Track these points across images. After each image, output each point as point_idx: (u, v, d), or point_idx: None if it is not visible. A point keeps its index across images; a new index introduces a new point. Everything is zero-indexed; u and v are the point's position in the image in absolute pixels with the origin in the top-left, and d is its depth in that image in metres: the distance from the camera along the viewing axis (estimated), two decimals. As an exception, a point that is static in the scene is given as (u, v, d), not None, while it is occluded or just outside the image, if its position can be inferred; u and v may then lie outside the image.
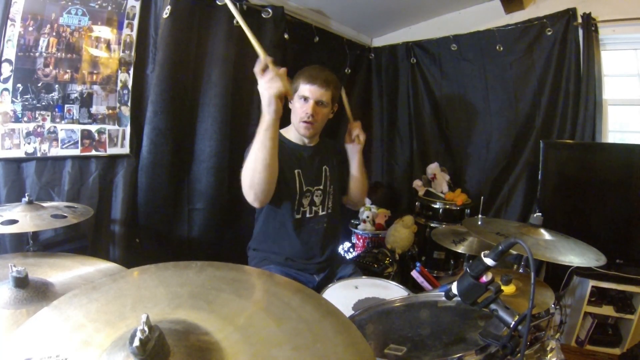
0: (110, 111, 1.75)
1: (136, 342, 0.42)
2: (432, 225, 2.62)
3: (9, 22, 1.45)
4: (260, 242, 1.70)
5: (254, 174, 1.32)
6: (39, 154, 1.57)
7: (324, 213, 1.69)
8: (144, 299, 0.60)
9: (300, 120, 1.57)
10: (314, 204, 1.66)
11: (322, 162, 1.70)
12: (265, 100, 1.27)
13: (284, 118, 1.61)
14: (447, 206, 2.64)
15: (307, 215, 1.65)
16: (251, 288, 0.68)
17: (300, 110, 1.56)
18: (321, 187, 1.67)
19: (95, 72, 1.69)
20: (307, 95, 1.53)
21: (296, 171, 1.60)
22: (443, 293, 1.04)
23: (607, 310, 2.12)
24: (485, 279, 0.92)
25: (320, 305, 0.61)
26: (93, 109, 1.70)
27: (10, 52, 1.47)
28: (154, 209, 1.92)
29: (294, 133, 1.65)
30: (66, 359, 0.48)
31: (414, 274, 1.92)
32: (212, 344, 0.50)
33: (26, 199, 1.26)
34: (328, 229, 1.73)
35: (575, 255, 1.32)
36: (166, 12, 1.78)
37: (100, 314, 0.58)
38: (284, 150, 1.59)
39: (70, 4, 1.58)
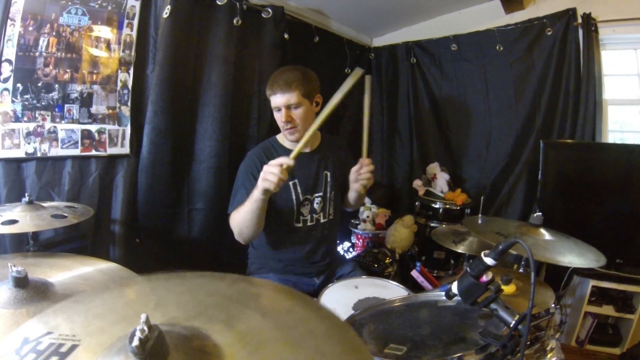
0: (110, 111, 1.75)
1: (135, 342, 0.42)
2: (432, 225, 2.62)
3: (9, 22, 1.45)
4: (261, 244, 1.69)
5: (242, 228, 1.45)
6: (39, 154, 1.57)
7: (325, 220, 1.67)
8: (167, 302, 0.61)
9: (282, 129, 1.56)
10: (314, 211, 1.64)
11: (322, 167, 1.65)
12: (259, 182, 1.29)
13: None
14: (447, 206, 2.64)
15: (309, 224, 1.63)
16: (280, 309, 0.66)
17: (278, 120, 1.55)
18: (321, 193, 1.64)
19: (95, 72, 1.69)
20: (276, 105, 1.51)
21: (291, 183, 1.57)
22: (443, 293, 1.04)
23: (607, 310, 2.12)
24: (485, 278, 0.92)
25: (346, 339, 0.57)
26: (93, 109, 1.70)
27: (10, 52, 1.47)
28: (154, 209, 1.92)
29: (286, 138, 1.63)
30: (80, 340, 0.51)
31: (414, 273, 1.92)
32: (216, 356, 0.50)
33: (26, 199, 1.26)
34: (329, 235, 1.72)
35: (575, 255, 1.32)
36: (166, 12, 1.78)
37: (126, 308, 0.60)
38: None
39: (70, 3, 1.58)
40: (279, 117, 1.53)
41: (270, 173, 1.24)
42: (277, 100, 1.49)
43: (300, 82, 1.48)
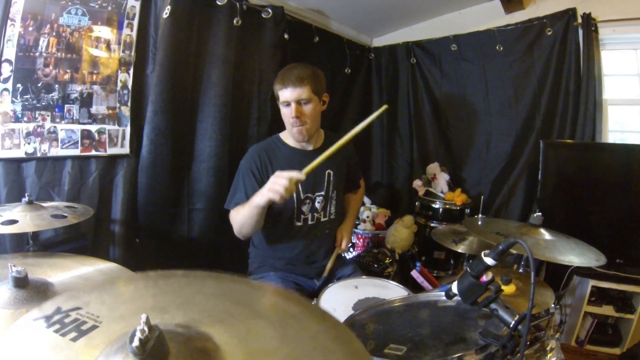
0: (110, 111, 1.75)
1: (135, 342, 0.42)
2: (432, 225, 2.62)
3: (9, 22, 1.45)
4: (261, 242, 1.69)
5: (242, 228, 1.48)
6: (39, 154, 1.57)
7: (326, 219, 1.66)
8: (194, 303, 0.62)
9: (291, 126, 1.53)
10: (315, 210, 1.63)
11: (325, 167, 1.63)
12: (264, 190, 1.31)
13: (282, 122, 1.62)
14: (447, 206, 2.64)
15: (309, 222, 1.62)
16: (282, 313, 0.65)
17: (286, 116, 1.53)
18: (323, 192, 1.62)
19: (95, 72, 1.69)
20: (285, 100, 1.49)
21: None
22: (443, 293, 1.04)
23: (607, 310, 2.12)
24: (485, 278, 0.92)
25: (350, 347, 0.56)
26: (93, 109, 1.70)
27: (10, 52, 1.47)
28: (154, 209, 1.92)
29: (292, 137, 1.62)
30: (101, 323, 0.54)
31: (414, 273, 1.92)
32: (217, 357, 0.50)
33: (26, 199, 1.26)
34: (330, 235, 1.72)
35: (575, 255, 1.32)
36: (166, 12, 1.78)
37: (154, 299, 0.62)
38: (280, 158, 1.58)
39: (70, 4, 1.58)
40: (288, 113, 1.51)
41: (279, 185, 1.24)
42: (288, 94, 1.48)
43: (311, 78, 1.48)
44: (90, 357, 0.49)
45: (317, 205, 1.63)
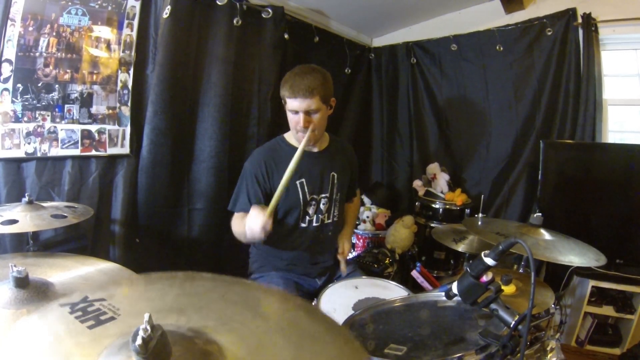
0: (110, 111, 1.75)
1: (138, 341, 0.43)
2: (432, 225, 2.62)
3: (9, 22, 1.45)
4: (264, 243, 1.69)
5: (239, 237, 1.50)
6: (39, 154, 1.57)
7: (329, 221, 1.66)
8: (213, 309, 0.62)
9: (296, 131, 1.52)
10: (320, 212, 1.62)
11: (330, 169, 1.63)
12: (247, 232, 1.36)
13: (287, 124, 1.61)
14: (447, 206, 2.64)
15: (314, 224, 1.62)
16: (282, 314, 0.66)
17: (293, 122, 1.51)
18: (327, 194, 1.62)
19: (95, 72, 1.69)
20: (294, 109, 1.47)
21: (298, 182, 1.55)
22: (443, 293, 1.04)
23: (607, 310, 2.12)
24: (485, 278, 0.92)
25: (346, 343, 0.57)
26: (93, 109, 1.70)
27: (10, 52, 1.47)
28: (154, 209, 1.92)
29: (297, 140, 1.60)
30: (120, 315, 0.56)
31: (414, 274, 1.92)
32: (219, 358, 0.50)
33: (26, 199, 1.26)
34: (334, 237, 1.72)
35: (575, 255, 1.32)
36: (166, 12, 1.78)
37: (176, 300, 0.62)
38: (285, 160, 1.54)
39: (70, 4, 1.58)
40: (296, 120, 1.48)
41: (257, 236, 1.33)
42: (297, 104, 1.45)
43: (321, 87, 1.45)
44: (100, 346, 0.50)
45: (322, 207, 1.62)
